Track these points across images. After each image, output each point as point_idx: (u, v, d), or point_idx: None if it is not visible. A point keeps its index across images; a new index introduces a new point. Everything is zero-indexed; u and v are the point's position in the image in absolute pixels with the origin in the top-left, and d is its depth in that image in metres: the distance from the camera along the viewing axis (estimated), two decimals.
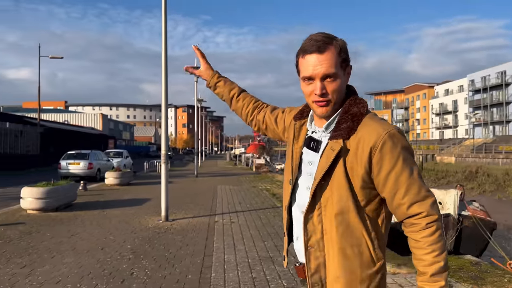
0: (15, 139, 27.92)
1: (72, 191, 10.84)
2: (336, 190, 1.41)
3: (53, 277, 4.75)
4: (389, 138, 1.36)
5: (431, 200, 1.38)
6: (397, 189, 1.37)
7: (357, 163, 1.39)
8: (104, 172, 21.23)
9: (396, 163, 1.36)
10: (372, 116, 1.45)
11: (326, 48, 1.40)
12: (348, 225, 1.40)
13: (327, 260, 1.43)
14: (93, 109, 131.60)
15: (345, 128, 1.41)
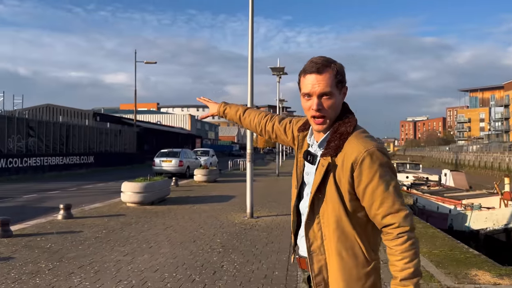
0: (115, 138, 30.66)
1: (166, 187, 11.62)
2: (330, 202, 1.60)
3: (151, 266, 5.14)
4: (368, 155, 1.54)
5: (404, 213, 1.54)
6: (373, 201, 1.54)
7: (343, 176, 1.58)
8: (193, 169, 22.44)
9: (373, 178, 1.53)
10: (358, 134, 1.62)
11: (324, 70, 1.61)
12: (342, 231, 1.59)
13: (328, 263, 1.62)
14: (182, 110, 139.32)
15: (333, 146, 1.61)
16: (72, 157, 24.36)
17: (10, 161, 19.05)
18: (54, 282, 4.44)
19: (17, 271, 4.78)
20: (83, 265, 5.11)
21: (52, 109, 32.66)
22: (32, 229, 7.19)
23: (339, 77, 1.63)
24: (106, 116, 37.13)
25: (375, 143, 1.58)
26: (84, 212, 9.23)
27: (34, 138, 21.07)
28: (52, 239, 6.49)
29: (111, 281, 4.51)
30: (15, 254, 5.56)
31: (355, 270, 1.59)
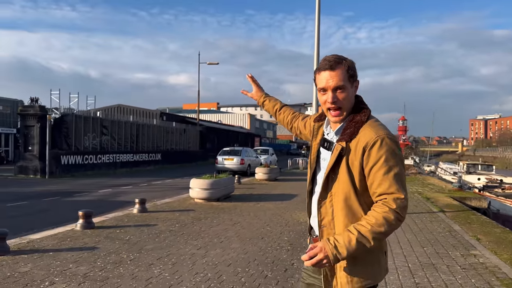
0: (180, 137, 31.90)
1: (231, 184, 11.90)
2: (342, 182, 1.78)
3: (224, 260, 5.31)
4: (378, 140, 1.72)
5: (396, 196, 1.68)
6: (373, 181, 1.72)
7: (355, 158, 1.76)
8: (254, 168, 22.74)
9: (378, 160, 1.71)
10: (372, 122, 1.81)
11: (336, 67, 1.79)
12: (350, 208, 1.77)
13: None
14: (241, 109, 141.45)
15: (348, 133, 1.79)
16: (141, 155, 25.72)
17: (86, 157, 20.56)
18: (136, 272, 4.74)
19: (102, 261, 5.16)
20: (161, 257, 5.40)
21: (123, 109, 34.70)
22: (111, 222, 7.71)
23: (350, 72, 1.81)
24: (171, 115, 38.72)
25: (386, 131, 1.77)
26: (157, 206, 9.72)
27: (107, 137, 22.54)
28: (130, 231, 6.92)
29: (188, 273, 4.72)
30: (99, 244, 5.99)
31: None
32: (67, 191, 13.18)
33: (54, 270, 4.69)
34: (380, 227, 1.65)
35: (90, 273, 4.63)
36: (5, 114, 33.07)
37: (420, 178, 22.72)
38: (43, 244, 5.86)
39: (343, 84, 1.79)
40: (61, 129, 19.04)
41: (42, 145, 17.89)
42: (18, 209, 9.48)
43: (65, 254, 5.39)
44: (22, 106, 18.66)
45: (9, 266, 4.80)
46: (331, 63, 1.80)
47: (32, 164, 17.92)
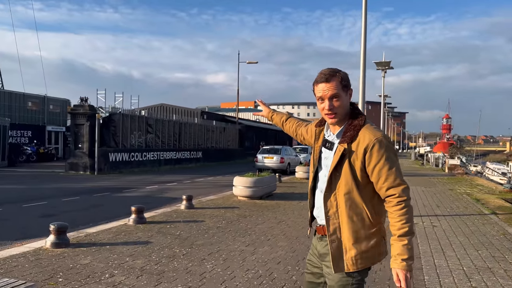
0: (220, 135, 32.34)
1: (273, 182, 11.96)
2: (344, 178, 2.06)
3: (273, 258, 5.36)
4: (377, 142, 2.01)
5: (403, 187, 2.02)
6: (380, 177, 2.01)
7: (357, 158, 2.04)
8: (293, 166, 22.69)
9: (380, 159, 2.00)
10: (369, 126, 2.09)
11: (331, 79, 2.09)
12: (353, 201, 2.05)
13: (341, 225, 2.07)
14: (278, 107, 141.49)
15: (349, 135, 2.07)
16: (184, 152, 26.32)
17: (132, 155, 21.29)
18: (190, 266, 4.89)
19: (156, 255, 5.36)
20: (212, 252, 5.53)
21: (166, 108, 35.63)
22: (161, 217, 7.97)
23: (343, 83, 2.10)
24: (211, 114, 39.32)
25: (382, 133, 2.06)
26: (202, 203, 9.94)
27: (152, 135, 23.23)
28: (180, 227, 7.13)
29: (240, 269, 4.82)
30: (152, 239, 6.22)
31: (362, 231, 2.05)
32: (116, 187, 13.73)
33: (113, 263, 4.92)
34: (411, 220, 1.99)
35: (146, 267, 4.82)
36: (55, 113, 34.85)
37: (467, 179, 21.83)
38: (99, 238, 6.16)
39: (338, 93, 2.08)
40: (109, 127, 19.83)
41: (91, 143, 18.72)
42: (72, 204, 9.99)
43: (121, 247, 5.64)
44: (73, 106, 19.58)
45: (71, 258, 5.09)
46: (327, 76, 2.10)
47: (82, 161, 18.80)
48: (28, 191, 12.38)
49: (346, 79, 2.12)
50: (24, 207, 9.27)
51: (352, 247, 2.04)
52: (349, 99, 2.15)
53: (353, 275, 2.06)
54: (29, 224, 7.48)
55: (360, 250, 2.04)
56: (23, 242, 6.03)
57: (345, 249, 2.06)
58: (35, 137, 29.14)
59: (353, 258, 2.04)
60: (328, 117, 2.12)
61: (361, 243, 2.04)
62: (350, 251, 2.04)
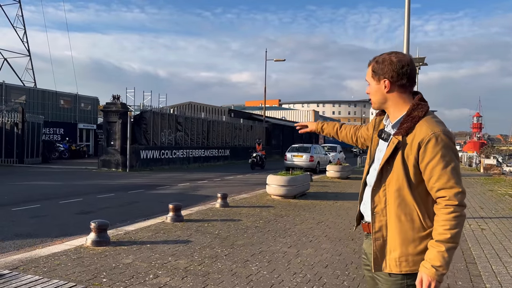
0: (247, 133, 32.24)
1: (307, 181, 11.69)
2: (396, 173, 1.88)
3: (320, 261, 5.12)
4: (434, 137, 1.80)
5: (456, 191, 1.78)
6: (431, 176, 1.80)
7: (411, 153, 1.85)
8: (323, 165, 22.33)
9: (434, 156, 1.79)
10: (429, 118, 1.88)
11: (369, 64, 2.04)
12: (403, 199, 1.87)
13: (388, 223, 1.91)
14: (302, 106, 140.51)
15: (405, 127, 1.88)
16: (212, 150, 26.34)
17: (162, 152, 21.43)
18: (234, 268, 4.71)
19: (198, 254, 5.21)
20: (254, 253, 5.34)
21: (194, 106, 35.79)
22: (197, 215, 7.85)
23: (373, 69, 1.99)
24: (238, 112, 39.30)
25: (443, 128, 1.84)
26: (236, 201, 9.78)
27: (181, 133, 23.32)
28: (217, 225, 6.97)
29: (286, 272, 4.60)
30: (191, 238, 6.08)
31: (411, 233, 1.87)
32: (149, 184, 13.77)
33: (155, 263, 4.79)
34: (456, 228, 1.78)
35: (190, 267, 4.67)
36: (86, 111, 35.57)
37: (505, 179, 20.90)
38: (139, 236, 6.07)
39: (369, 79, 2.03)
40: (140, 125, 19.99)
41: (123, 140, 18.90)
42: (108, 201, 10.02)
43: (161, 246, 5.52)
44: (105, 103, 19.84)
45: (113, 257, 5.00)
46: (369, 61, 2.06)
47: (114, 158, 19.02)
48: (63, 187, 12.56)
49: (378, 67, 1.97)
50: (61, 203, 9.34)
51: (397, 248, 1.89)
52: (380, 88, 1.98)
53: (400, 277, 1.89)
54: (67, 221, 7.50)
55: (406, 252, 1.87)
56: (63, 240, 6.01)
57: (389, 249, 1.91)
58: (67, 135, 29.83)
59: (396, 260, 1.88)
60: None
61: (408, 245, 1.87)
62: (395, 251, 1.89)
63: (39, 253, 5.05)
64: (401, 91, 1.97)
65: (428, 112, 1.92)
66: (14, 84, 32.99)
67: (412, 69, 1.96)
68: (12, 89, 30.77)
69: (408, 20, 8.43)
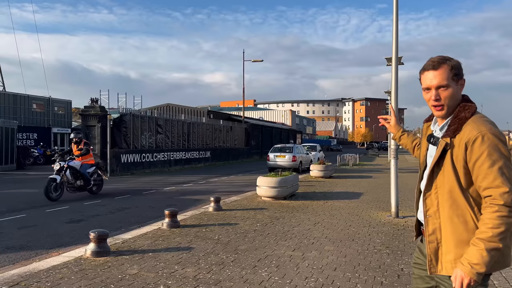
0: (226, 134, 32.08)
1: (296, 182, 11.71)
2: (446, 175, 1.91)
3: (327, 264, 5.10)
4: (480, 136, 1.81)
5: (503, 190, 1.75)
6: (478, 175, 1.81)
7: (459, 154, 1.86)
8: (305, 164, 22.48)
9: (480, 156, 1.79)
10: (477, 118, 1.89)
11: (439, 66, 1.92)
12: (454, 200, 1.89)
13: (442, 225, 1.92)
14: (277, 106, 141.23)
15: (452, 129, 1.90)
16: (193, 152, 26.07)
17: (143, 156, 21.03)
18: (245, 275, 4.63)
19: (204, 262, 5.10)
20: (260, 258, 5.27)
21: (172, 108, 35.34)
22: (192, 220, 7.71)
23: (454, 71, 1.92)
24: (217, 113, 39.07)
25: (490, 127, 1.84)
26: (228, 204, 9.68)
27: (162, 135, 22.95)
28: (216, 230, 6.87)
29: (298, 277, 4.56)
30: (193, 244, 5.96)
31: (465, 234, 1.86)
32: (135, 189, 13.46)
33: (162, 272, 4.66)
34: (499, 228, 1.74)
35: (199, 276, 4.56)
36: (60, 115, 34.56)
37: None
38: (138, 244, 5.90)
39: (447, 83, 1.91)
40: (120, 128, 19.54)
41: (103, 144, 18.45)
42: (96, 208, 9.72)
43: (164, 254, 5.39)
44: (84, 107, 19.31)
45: (117, 268, 4.83)
46: (434, 63, 1.94)
47: None
48: None
49: (458, 68, 1.94)
50: (48, 212, 9.00)
51: (451, 250, 1.90)
52: (460, 90, 1.98)
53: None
54: (59, 230, 7.22)
55: (460, 254, 1.85)
56: (59, 251, 5.77)
57: (444, 252, 1.93)
58: (41, 139, 28.88)
59: (452, 262, 1.88)
60: (435, 109, 1.98)
61: (463, 248, 1.85)
62: (449, 254, 1.90)
63: (38, 266, 4.83)
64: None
65: (476, 112, 1.93)
66: None
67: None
68: None
69: (397, 22, 8.55)
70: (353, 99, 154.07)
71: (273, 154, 21.61)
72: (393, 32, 8.65)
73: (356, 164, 28.95)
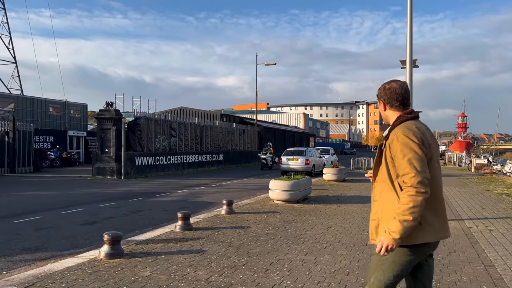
0: (239, 137, 32.15)
1: (308, 185, 11.65)
2: (381, 170, 2.54)
3: (340, 268, 5.06)
4: (395, 138, 2.44)
5: (411, 175, 2.32)
6: (395, 165, 2.41)
7: (387, 152, 2.48)
8: (318, 168, 22.36)
9: (396, 151, 2.41)
10: (401, 126, 2.50)
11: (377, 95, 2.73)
12: (388, 189, 2.49)
13: (382, 208, 2.52)
14: (290, 109, 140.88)
15: (388, 135, 2.52)
16: (206, 155, 26.19)
17: (157, 158, 21.22)
18: (257, 278, 4.62)
19: (216, 265, 5.11)
20: (273, 262, 5.26)
21: (185, 111, 35.61)
22: (205, 223, 7.73)
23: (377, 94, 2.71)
24: (230, 117, 39.21)
25: (403, 130, 2.44)
26: (240, 207, 9.68)
27: (175, 138, 23.13)
28: (228, 233, 6.88)
29: (310, 282, 4.53)
30: (205, 247, 5.98)
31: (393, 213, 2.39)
32: (149, 192, 13.58)
33: (175, 275, 4.68)
34: (408, 204, 2.29)
35: (211, 278, 4.57)
36: (75, 118, 35.08)
37: (498, 179, 21.19)
38: (151, 247, 5.94)
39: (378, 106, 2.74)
40: (134, 131, 19.76)
41: (118, 147, 18.66)
42: (111, 210, 9.83)
43: (177, 257, 5.41)
44: (99, 110, 19.57)
45: (130, 270, 4.86)
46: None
47: (109, 165, 18.75)
48: (61, 197, 12.30)
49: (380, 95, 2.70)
50: (63, 214, 9.14)
51: (384, 225, 2.45)
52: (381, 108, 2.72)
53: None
54: (74, 232, 7.32)
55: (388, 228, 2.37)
56: (74, 253, 5.85)
57: (380, 227, 2.50)
58: (57, 142, 29.33)
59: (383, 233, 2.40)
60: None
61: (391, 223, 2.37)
62: (383, 228, 2.46)
63: (53, 267, 4.90)
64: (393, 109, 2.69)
65: (404, 122, 2.53)
66: (2, 92, 32.41)
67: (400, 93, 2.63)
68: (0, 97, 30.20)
69: (411, 24, 8.47)
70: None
71: (286, 158, 21.57)
72: (407, 34, 8.57)
73: (370, 168, 28.65)
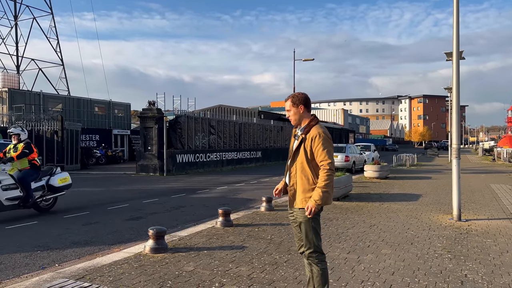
0: (277, 134, 32.11)
1: (349, 183, 11.45)
2: (301, 154, 3.36)
3: (384, 268, 4.93)
4: (317, 134, 3.31)
5: (327, 161, 3.26)
6: (317, 154, 3.29)
7: (308, 144, 3.33)
8: (358, 165, 21.92)
9: (318, 144, 3.28)
10: (318, 126, 3.38)
11: (287, 100, 3.52)
12: (303, 168, 3.34)
13: (296, 181, 3.39)
14: (329, 105, 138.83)
15: (306, 131, 3.38)
16: (244, 152, 26.37)
17: (197, 156, 21.60)
18: (298, 276, 4.58)
19: (258, 261, 5.12)
20: None
21: (224, 109, 35.99)
22: (245, 220, 7.78)
23: (294, 101, 3.43)
24: (267, 114, 39.22)
25: (323, 129, 3.33)
26: (280, 205, 9.65)
27: (214, 136, 23.45)
28: (268, 230, 6.88)
29: (353, 281, 4.44)
30: (246, 243, 6.01)
31: (307, 186, 3.31)
32: (189, 188, 13.85)
33: (217, 270, 4.73)
34: (326, 180, 3.20)
35: (253, 275, 4.58)
36: (119, 117, 36.33)
37: None
38: (193, 242, 6.04)
39: (289, 109, 3.46)
40: (175, 129, 20.21)
41: (160, 145, 19.16)
42: (154, 206, 10.11)
43: (219, 253, 5.47)
44: (142, 109, 20.17)
45: (174, 264, 4.97)
46: (286, 98, 3.51)
47: (152, 163, 19.29)
48: (107, 193, 12.80)
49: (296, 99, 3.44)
50: (109, 209, 9.49)
51: (300, 195, 3.34)
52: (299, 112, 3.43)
53: (303, 210, 3.29)
54: (120, 227, 7.58)
55: (304, 196, 3.31)
56: (120, 247, 6.05)
57: (297, 195, 3.38)
58: (102, 141, 30.52)
59: (301, 201, 3.33)
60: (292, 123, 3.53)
61: (306, 193, 3.30)
62: (299, 196, 3.35)
63: (101, 261, 5.09)
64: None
65: (317, 123, 3.39)
66: (50, 93, 34.09)
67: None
68: (49, 98, 31.80)
69: (457, 14, 8.09)
70: (409, 97, 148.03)
71: None
72: (453, 25, 8.20)
73: (414, 165, 27.82)
